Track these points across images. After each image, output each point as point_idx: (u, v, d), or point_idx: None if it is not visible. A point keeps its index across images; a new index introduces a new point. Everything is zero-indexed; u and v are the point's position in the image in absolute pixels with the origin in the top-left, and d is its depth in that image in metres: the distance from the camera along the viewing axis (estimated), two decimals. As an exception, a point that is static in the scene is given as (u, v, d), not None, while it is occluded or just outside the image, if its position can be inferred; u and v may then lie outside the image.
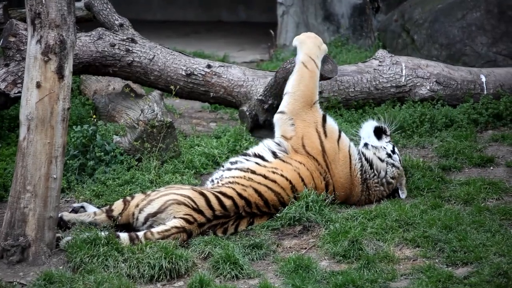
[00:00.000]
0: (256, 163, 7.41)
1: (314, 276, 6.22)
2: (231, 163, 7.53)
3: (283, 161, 7.41)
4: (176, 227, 6.74)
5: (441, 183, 7.86)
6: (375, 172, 7.60)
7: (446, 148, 8.62)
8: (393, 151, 7.76)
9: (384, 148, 7.73)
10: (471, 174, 8.13)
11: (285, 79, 8.44)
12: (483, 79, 9.85)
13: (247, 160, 7.49)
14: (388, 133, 7.93)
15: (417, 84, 9.72)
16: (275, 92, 8.74)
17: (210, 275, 6.28)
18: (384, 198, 7.59)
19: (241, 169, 7.35)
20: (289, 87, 7.76)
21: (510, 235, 6.70)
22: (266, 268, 6.55)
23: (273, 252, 6.76)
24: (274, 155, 7.48)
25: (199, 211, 6.87)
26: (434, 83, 9.73)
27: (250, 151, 7.64)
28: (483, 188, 7.65)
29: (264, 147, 7.58)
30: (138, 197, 7.05)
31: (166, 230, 6.71)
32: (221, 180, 7.31)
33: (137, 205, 6.95)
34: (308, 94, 7.68)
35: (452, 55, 12.25)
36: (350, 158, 7.53)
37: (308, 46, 7.91)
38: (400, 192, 7.65)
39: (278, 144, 7.55)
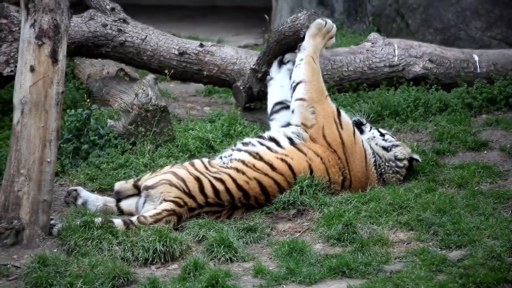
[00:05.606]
0: (268, 147, 7.28)
1: (308, 259, 6.24)
2: (243, 143, 7.41)
3: (299, 149, 7.28)
4: (167, 210, 6.78)
5: (435, 167, 7.88)
6: (387, 164, 7.50)
7: (440, 132, 8.62)
8: (382, 134, 7.74)
9: (374, 136, 7.70)
10: (465, 158, 8.14)
11: (277, 43, 8.39)
12: (476, 58, 9.81)
13: (260, 143, 7.34)
14: (365, 122, 7.88)
15: (410, 63, 9.66)
16: (268, 59, 8.65)
17: (205, 258, 6.29)
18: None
19: (250, 153, 7.22)
20: (302, 76, 7.60)
21: (503, 219, 6.72)
22: (260, 251, 6.56)
23: (267, 235, 6.77)
24: (291, 141, 7.34)
25: (191, 196, 6.89)
26: (427, 61, 9.68)
27: (266, 134, 7.51)
28: (477, 172, 7.67)
29: (279, 133, 7.40)
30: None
31: (158, 214, 6.75)
32: (230, 162, 7.20)
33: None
34: (321, 86, 7.58)
35: (446, 39, 12.24)
36: (365, 152, 7.41)
37: (316, 44, 7.78)
38: (415, 157, 7.63)
39: (297, 134, 7.37)
